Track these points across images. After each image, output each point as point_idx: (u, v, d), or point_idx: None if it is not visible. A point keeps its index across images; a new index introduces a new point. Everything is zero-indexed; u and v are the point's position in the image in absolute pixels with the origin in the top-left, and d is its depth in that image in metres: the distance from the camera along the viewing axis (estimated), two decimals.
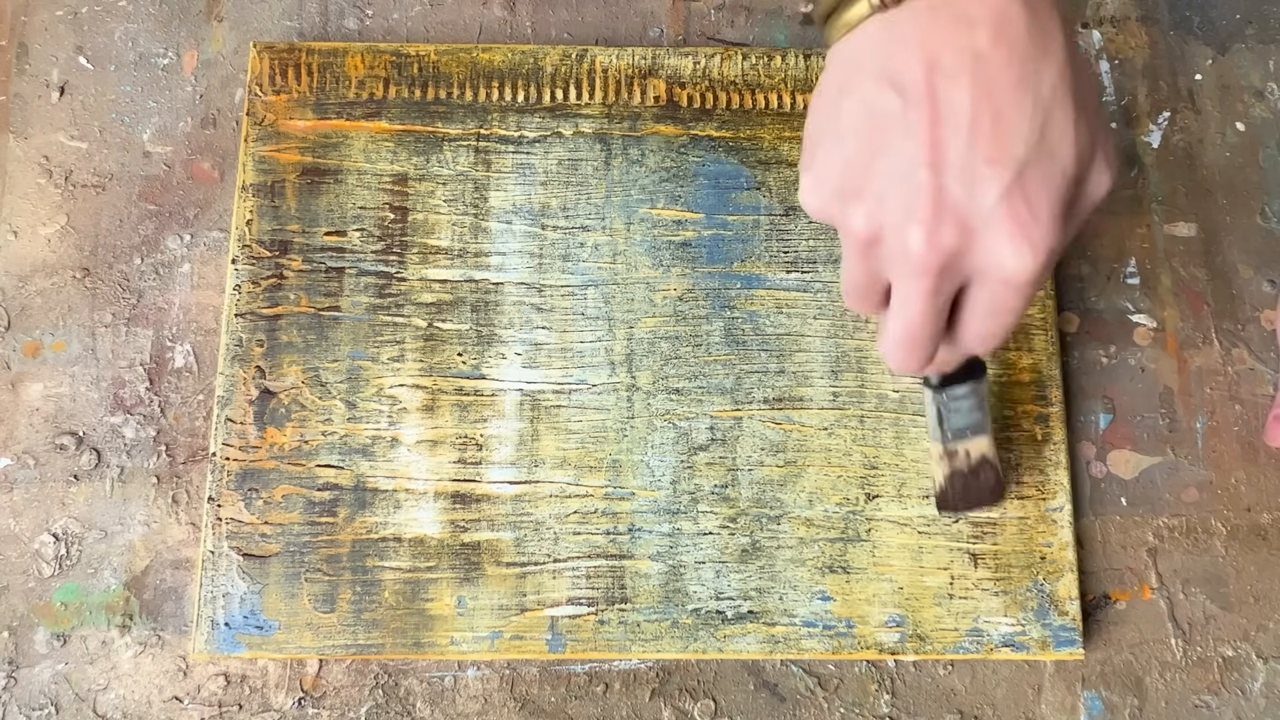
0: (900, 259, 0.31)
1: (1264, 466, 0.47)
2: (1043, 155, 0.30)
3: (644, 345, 0.47)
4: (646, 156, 0.49)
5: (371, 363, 0.47)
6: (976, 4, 0.29)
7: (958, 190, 0.30)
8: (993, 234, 0.30)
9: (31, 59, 0.51)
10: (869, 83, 0.30)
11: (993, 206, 0.30)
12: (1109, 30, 0.53)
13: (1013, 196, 0.29)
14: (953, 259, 0.31)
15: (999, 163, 0.29)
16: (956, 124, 0.29)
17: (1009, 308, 0.32)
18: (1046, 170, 0.30)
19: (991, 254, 0.30)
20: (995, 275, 0.31)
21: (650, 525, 0.45)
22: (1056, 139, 0.30)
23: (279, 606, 0.44)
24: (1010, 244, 0.30)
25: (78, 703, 0.44)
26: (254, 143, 0.49)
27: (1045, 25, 0.30)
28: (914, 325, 0.33)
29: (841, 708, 0.45)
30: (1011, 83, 0.29)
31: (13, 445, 0.47)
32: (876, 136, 0.31)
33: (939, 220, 0.30)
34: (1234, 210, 0.50)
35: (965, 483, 0.44)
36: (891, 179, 0.30)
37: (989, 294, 0.32)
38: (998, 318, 0.33)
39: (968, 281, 0.32)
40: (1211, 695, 0.45)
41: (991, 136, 0.29)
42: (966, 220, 0.30)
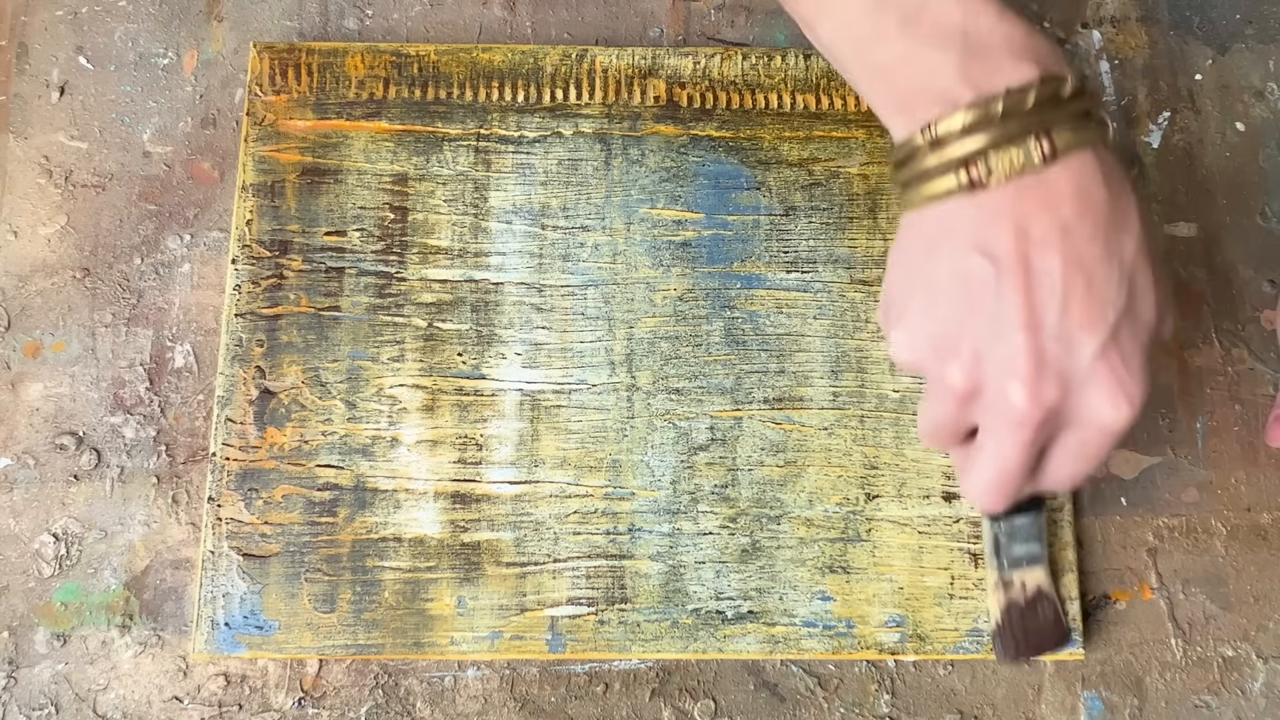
0: (1001, 411, 0.33)
1: (1264, 466, 0.47)
2: (1130, 316, 0.32)
3: (644, 345, 0.47)
4: (646, 156, 0.49)
5: (371, 363, 0.47)
6: (1061, 184, 0.32)
7: (1056, 350, 0.32)
8: (1091, 390, 0.32)
9: (31, 59, 0.51)
10: (961, 249, 0.33)
11: (1090, 365, 0.32)
12: (1109, 30, 0.53)
13: (1109, 355, 0.32)
14: (1052, 413, 0.33)
15: (1093, 326, 0.32)
16: (1050, 290, 0.32)
17: (1099, 454, 0.34)
18: (1134, 329, 0.32)
19: (1090, 408, 0.33)
20: (1092, 426, 0.33)
21: (650, 525, 0.45)
22: (1140, 300, 0.33)
23: (279, 606, 0.44)
24: (1109, 398, 0.32)
25: (78, 703, 0.44)
26: (254, 143, 0.49)
27: (1122, 199, 0.32)
28: (1009, 472, 0.35)
29: (841, 708, 0.45)
30: (1099, 254, 0.32)
31: (13, 445, 0.47)
32: (971, 299, 0.33)
33: (1040, 377, 0.32)
34: (1234, 210, 0.50)
35: (1023, 616, 0.43)
36: (988, 339, 0.33)
37: (1081, 442, 0.34)
38: (1086, 462, 0.35)
39: (1059, 431, 0.34)
40: (1211, 695, 0.45)
41: (1084, 302, 0.32)
42: (1066, 378, 0.32)
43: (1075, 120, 0.32)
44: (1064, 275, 0.32)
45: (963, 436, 0.36)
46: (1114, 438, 0.33)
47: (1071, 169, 0.32)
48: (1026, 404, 0.32)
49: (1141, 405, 0.33)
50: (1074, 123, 0.32)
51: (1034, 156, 0.31)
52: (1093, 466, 0.35)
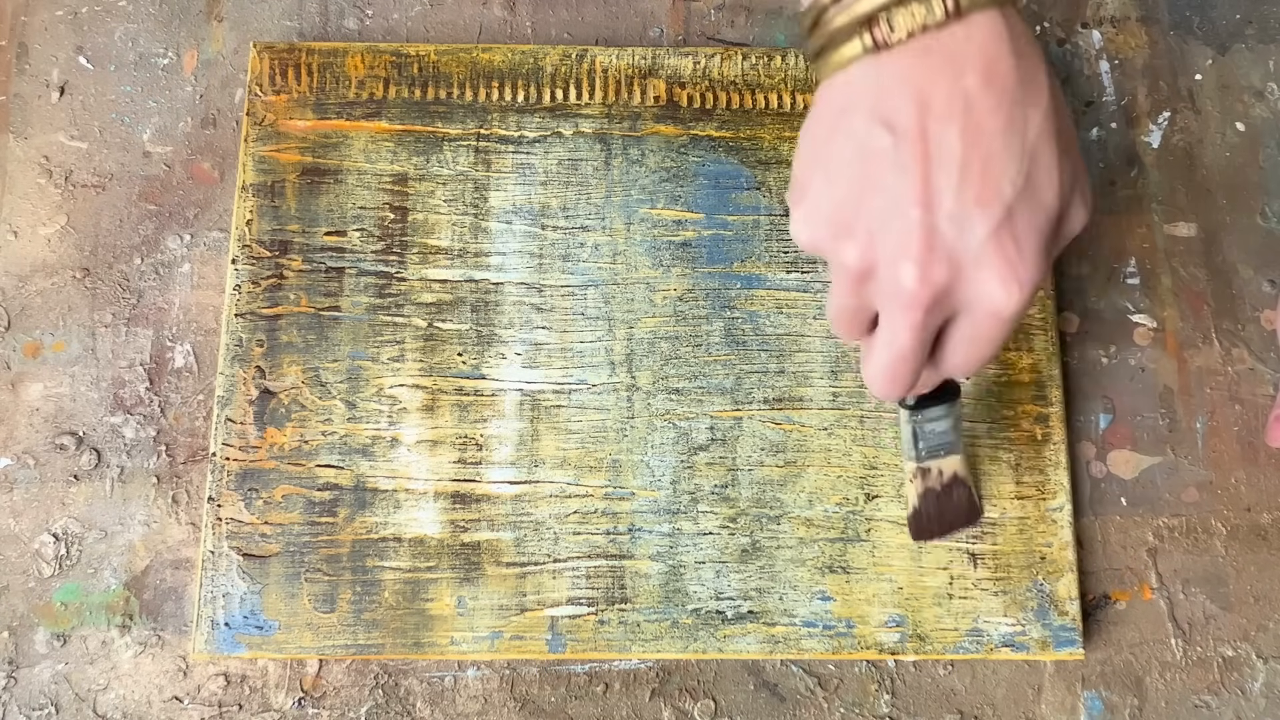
0: (892, 293, 0.33)
1: (1264, 466, 0.47)
2: (1028, 196, 0.31)
3: (644, 345, 0.47)
4: (646, 156, 0.49)
5: (371, 363, 0.47)
6: (967, 49, 0.31)
7: (949, 229, 0.31)
8: (982, 271, 0.31)
9: (31, 59, 0.51)
10: (861, 121, 0.32)
11: (982, 245, 0.31)
12: (1109, 30, 0.53)
13: (1001, 236, 0.31)
14: (943, 294, 0.32)
15: (988, 204, 0.31)
16: (947, 165, 0.31)
17: (992, 338, 0.33)
18: (1032, 210, 0.31)
19: (980, 290, 0.32)
20: (982, 309, 0.32)
21: (650, 525, 0.45)
22: (1041, 180, 0.31)
23: (279, 606, 0.44)
24: (999, 281, 0.31)
25: (78, 703, 0.44)
26: (254, 143, 0.49)
27: (1032, 71, 0.31)
28: (901, 356, 0.34)
29: (841, 708, 0.45)
30: (1000, 126, 0.31)
31: (13, 445, 0.47)
32: (869, 173, 0.32)
33: (931, 258, 0.31)
34: (1234, 210, 0.50)
35: (939, 502, 0.44)
36: (884, 216, 0.32)
37: (973, 325, 0.33)
38: (980, 347, 0.34)
39: (954, 314, 0.33)
40: (1211, 695, 0.45)
41: (981, 178, 0.31)
42: (956, 258, 0.31)
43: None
44: (962, 150, 0.31)
45: (866, 324, 0.35)
46: (1004, 323, 0.32)
47: (978, 30, 0.31)
48: (916, 285, 0.32)
49: (1032, 290, 0.32)
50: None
51: (936, 11, 0.30)
52: (988, 353, 0.34)
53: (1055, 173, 0.31)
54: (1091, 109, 0.51)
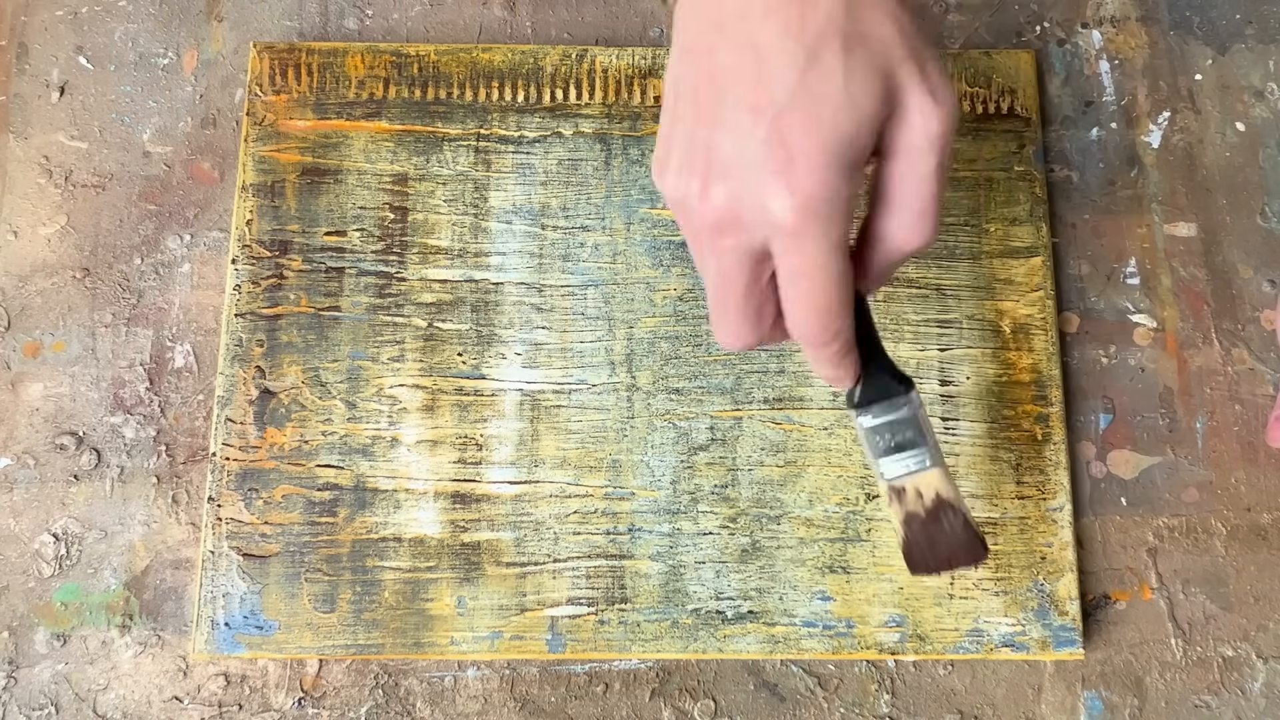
0: (685, 220, 0.32)
1: (1264, 466, 0.47)
2: (804, 98, 0.29)
3: (644, 345, 0.47)
4: (646, 156, 0.49)
5: (371, 363, 0.47)
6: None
7: (728, 145, 0.30)
8: (757, 180, 0.30)
9: (31, 59, 0.51)
10: (675, 57, 0.32)
11: (756, 153, 0.29)
12: (1109, 30, 0.53)
13: (772, 141, 0.29)
14: (728, 214, 0.31)
15: (759, 109, 0.29)
16: (726, 79, 0.30)
17: (800, 270, 0.31)
18: (810, 113, 0.29)
19: (759, 201, 0.30)
20: (768, 226, 0.30)
21: (650, 525, 0.45)
22: (821, 81, 0.29)
23: (279, 606, 0.44)
24: (771, 187, 0.29)
25: (78, 703, 0.44)
26: (254, 143, 0.49)
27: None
28: (715, 289, 0.33)
29: (841, 708, 0.45)
30: (774, 31, 0.29)
31: (13, 445, 0.47)
32: (676, 103, 0.31)
33: (710, 176, 0.30)
34: (1234, 210, 0.50)
35: (926, 529, 0.38)
36: (683, 151, 0.31)
37: (780, 255, 0.31)
38: (797, 285, 0.31)
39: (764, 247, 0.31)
40: (1211, 695, 0.45)
41: (754, 85, 0.29)
42: (738, 171, 0.30)
43: None
44: (737, 59, 0.30)
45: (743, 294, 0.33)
46: (796, 244, 0.30)
47: None
48: (699, 205, 0.31)
49: (811, 198, 0.29)
50: None
51: None
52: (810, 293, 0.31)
53: (839, 71, 0.29)
54: (1091, 109, 0.51)
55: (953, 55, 0.51)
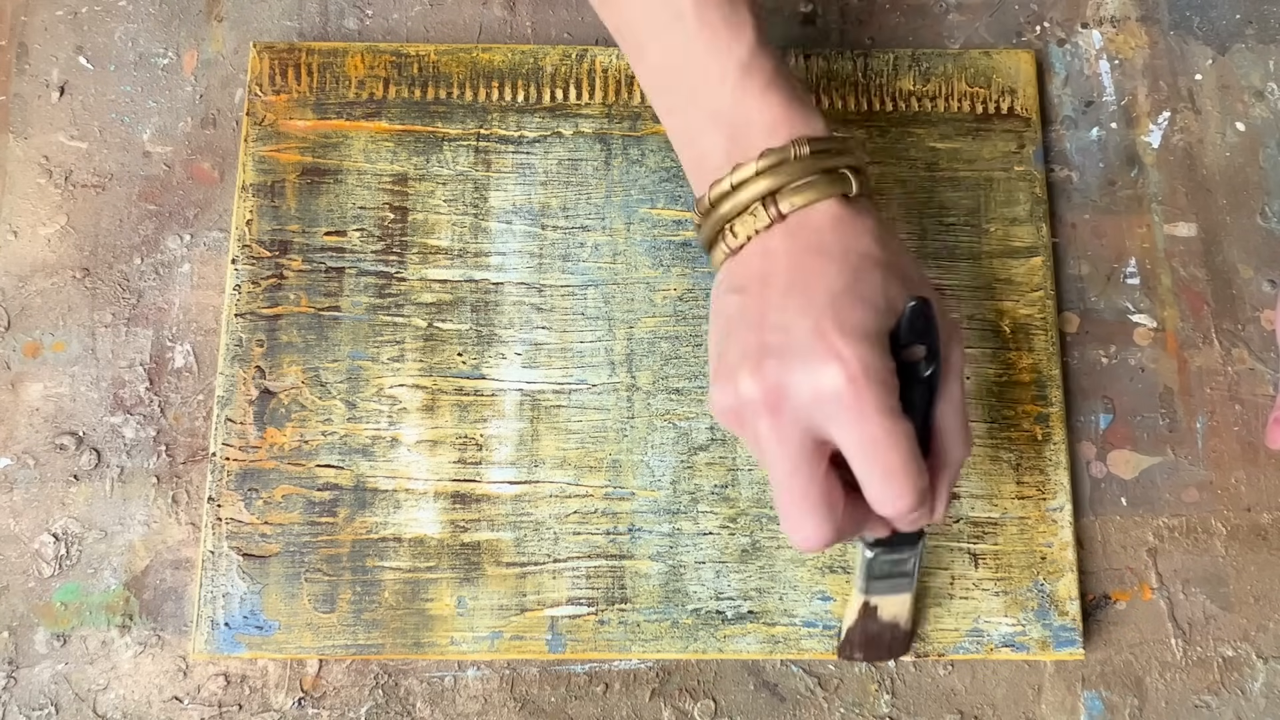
0: (747, 411, 0.35)
1: (1264, 466, 0.47)
2: (848, 299, 0.35)
3: (644, 345, 0.47)
4: (646, 156, 0.49)
5: (371, 363, 0.47)
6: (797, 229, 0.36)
7: (777, 337, 0.35)
8: (808, 358, 0.34)
9: (31, 59, 0.51)
10: (722, 297, 0.37)
11: (806, 336, 0.34)
12: (1109, 30, 0.53)
13: (822, 325, 0.34)
14: (782, 391, 0.34)
15: (807, 306, 0.35)
16: (776, 295, 0.35)
17: (869, 437, 0.34)
18: (856, 305, 0.34)
19: (812, 376, 0.34)
20: (825, 399, 0.34)
21: (650, 525, 0.45)
22: (863, 288, 0.35)
23: (279, 606, 0.44)
24: (823, 360, 0.34)
25: (78, 703, 0.44)
26: (254, 143, 0.49)
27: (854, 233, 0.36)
28: (785, 483, 0.35)
29: (841, 708, 0.45)
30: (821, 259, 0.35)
31: (13, 445, 0.47)
32: (727, 330, 0.36)
33: (761, 361, 0.34)
34: (1234, 210, 0.50)
35: (868, 638, 0.43)
36: (737, 356, 0.35)
37: (841, 430, 0.34)
38: (869, 454, 0.34)
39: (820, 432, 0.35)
40: (1211, 695, 0.45)
41: (803, 291, 0.35)
42: (786, 355, 0.34)
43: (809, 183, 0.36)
44: (787, 279, 0.35)
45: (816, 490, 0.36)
46: (860, 414, 0.33)
47: (808, 221, 0.36)
48: (753, 388, 0.34)
49: (864, 369, 0.33)
50: (806, 186, 0.36)
51: (763, 220, 0.36)
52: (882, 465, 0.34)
53: (881, 287, 0.35)
54: (1091, 109, 0.51)
55: (953, 55, 0.51)
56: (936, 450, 0.37)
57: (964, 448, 0.38)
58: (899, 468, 0.34)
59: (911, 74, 0.51)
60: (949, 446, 0.37)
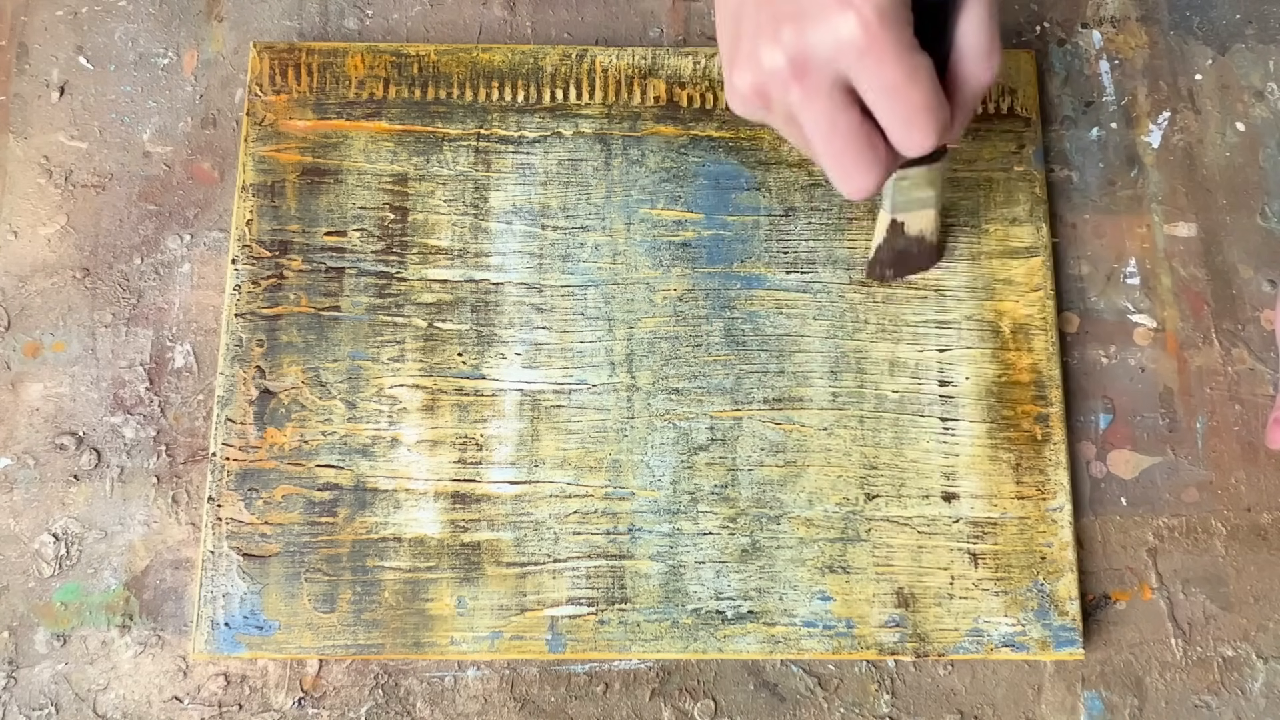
0: (774, 85, 0.35)
1: (1264, 466, 0.47)
2: None
3: (644, 345, 0.47)
4: (646, 157, 0.49)
5: (371, 363, 0.47)
6: None
7: (789, 4, 0.34)
8: (822, 12, 0.33)
9: (31, 59, 0.51)
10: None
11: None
12: (1109, 30, 0.53)
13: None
14: (805, 54, 0.34)
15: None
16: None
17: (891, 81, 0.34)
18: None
19: (830, 29, 0.33)
20: (844, 48, 0.33)
21: (650, 525, 0.45)
22: None
23: (279, 606, 0.44)
24: (837, 10, 0.33)
25: (78, 703, 0.44)
26: (254, 143, 0.49)
27: None
28: (825, 141, 0.35)
29: (841, 708, 0.45)
30: None
31: (13, 445, 0.47)
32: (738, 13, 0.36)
33: (777, 30, 0.34)
34: (1234, 210, 0.50)
35: (896, 254, 0.45)
36: (751, 33, 0.35)
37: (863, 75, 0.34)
38: (893, 97, 0.34)
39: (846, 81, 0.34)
40: (1211, 695, 0.45)
41: None
42: (801, 16, 0.33)
43: None
44: None
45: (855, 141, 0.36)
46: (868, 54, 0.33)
47: None
48: (775, 59, 0.34)
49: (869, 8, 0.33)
50: None
51: None
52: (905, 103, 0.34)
53: None
54: (1091, 109, 0.51)
55: None
56: (956, 75, 0.37)
57: (987, 67, 0.37)
58: (919, 107, 0.34)
59: None
60: (970, 68, 0.37)
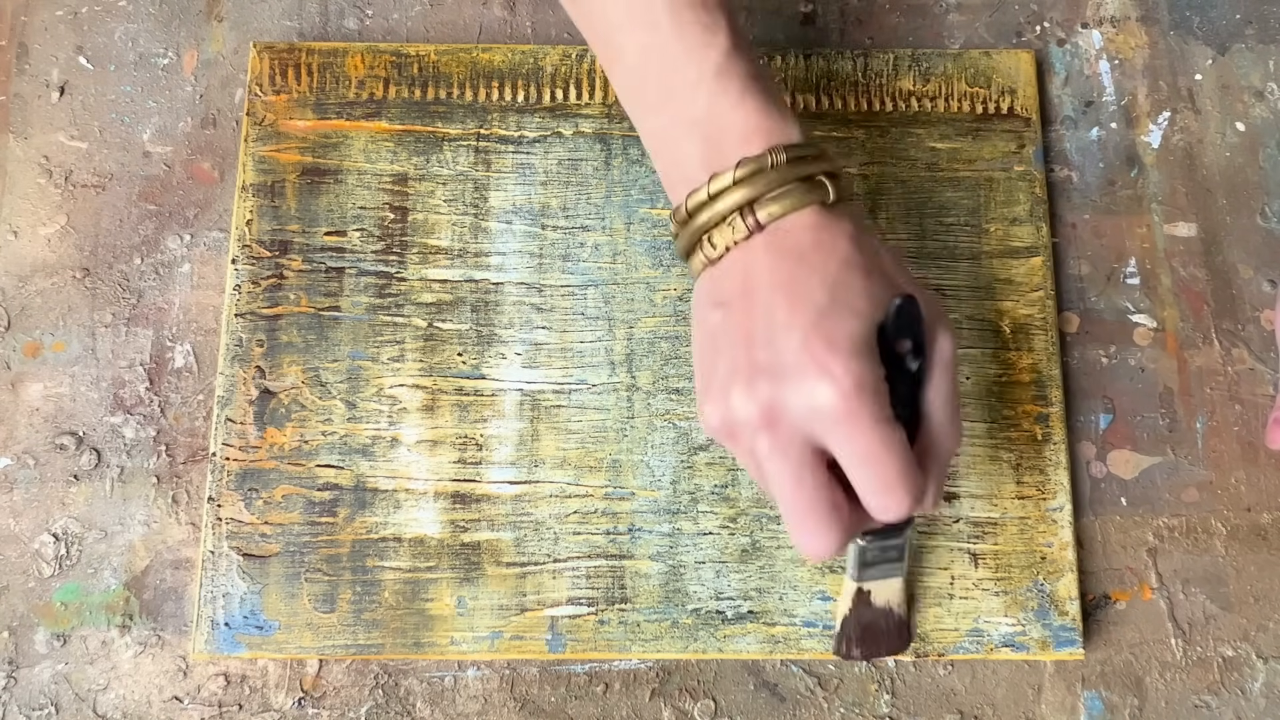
0: (743, 430, 0.35)
1: (1264, 466, 0.47)
2: (836, 309, 0.35)
3: (644, 345, 0.47)
4: (646, 156, 0.49)
5: (371, 363, 0.47)
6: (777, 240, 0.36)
7: (766, 354, 0.35)
8: (801, 376, 0.34)
9: (31, 59, 0.51)
10: (705, 310, 0.37)
11: (796, 354, 0.34)
12: (1109, 30, 0.53)
13: (810, 341, 0.34)
14: (777, 410, 0.34)
15: (793, 321, 0.34)
16: (761, 310, 0.35)
17: (865, 450, 0.34)
18: (841, 317, 0.34)
19: (806, 394, 0.34)
20: (819, 413, 0.34)
21: (650, 525, 0.45)
22: (850, 297, 0.35)
23: (279, 606, 0.44)
24: (815, 378, 0.34)
25: (78, 703, 0.44)
26: (254, 143, 0.49)
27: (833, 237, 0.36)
28: (788, 496, 0.35)
29: (841, 708, 0.45)
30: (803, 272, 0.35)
31: (13, 445, 0.47)
32: (714, 346, 0.37)
33: (753, 380, 0.35)
34: (1234, 210, 0.50)
35: (863, 628, 0.43)
36: (726, 373, 0.36)
37: (838, 443, 0.34)
38: (867, 466, 0.34)
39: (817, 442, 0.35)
40: (1211, 695, 0.45)
41: (788, 306, 0.35)
42: (779, 373, 0.34)
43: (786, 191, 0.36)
44: (769, 295, 0.35)
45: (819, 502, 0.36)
46: (853, 426, 0.34)
47: (787, 230, 0.36)
48: (747, 406, 0.35)
49: (855, 383, 0.34)
50: (783, 195, 0.36)
51: (741, 231, 0.36)
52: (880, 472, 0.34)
53: (863, 288, 0.35)
54: (1091, 109, 0.51)
55: (953, 55, 0.51)
56: (926, 443, 0.37)
57: (954, 438, 0.38)
58: (895, 477, 0.34)
59: (911, 74, 0.51)
60: (939, 438, 0.37)
